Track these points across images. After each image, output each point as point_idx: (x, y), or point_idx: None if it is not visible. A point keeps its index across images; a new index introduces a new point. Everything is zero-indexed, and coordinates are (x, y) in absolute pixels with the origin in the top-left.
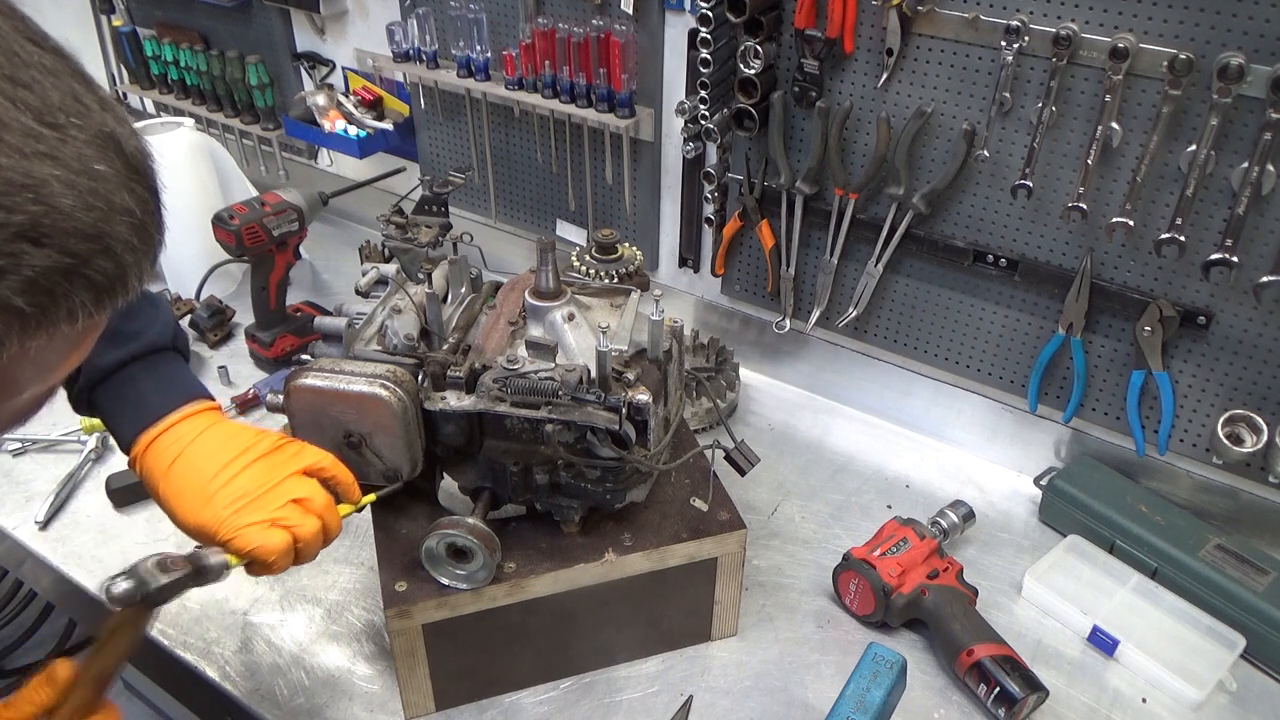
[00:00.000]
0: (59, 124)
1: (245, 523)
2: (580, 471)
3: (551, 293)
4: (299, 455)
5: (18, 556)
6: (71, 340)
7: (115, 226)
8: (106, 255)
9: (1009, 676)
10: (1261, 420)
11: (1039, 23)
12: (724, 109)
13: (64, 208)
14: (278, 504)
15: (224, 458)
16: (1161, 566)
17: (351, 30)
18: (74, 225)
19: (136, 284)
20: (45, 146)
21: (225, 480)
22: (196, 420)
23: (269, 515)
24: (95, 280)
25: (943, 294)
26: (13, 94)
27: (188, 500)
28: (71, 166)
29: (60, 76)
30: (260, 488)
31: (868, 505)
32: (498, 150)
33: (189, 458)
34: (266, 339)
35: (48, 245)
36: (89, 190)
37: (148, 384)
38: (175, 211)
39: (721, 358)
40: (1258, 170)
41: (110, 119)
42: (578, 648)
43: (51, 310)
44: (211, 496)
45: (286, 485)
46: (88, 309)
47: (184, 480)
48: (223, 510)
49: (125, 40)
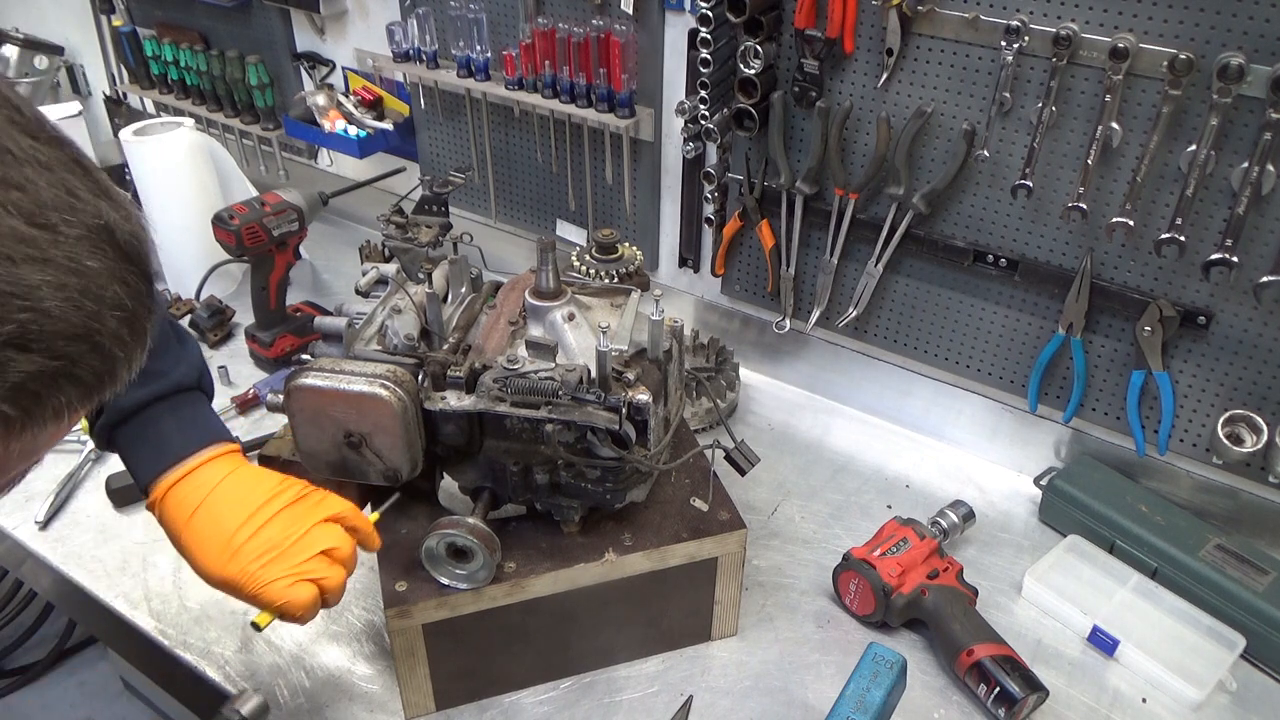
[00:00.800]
0: (50, 223)
1: (272, 577)
2: (580, 471)
3: (551, 293)
4: (323, 504)
5: (18, 556)
6: (60, 428)
7: (105, 322)
8: (95, 353)
9: (1009, 676)
10: (1261, 420)
11: (1039, 23)
12: (724, 109)
13: (53, 311)
14: (305, 556)
15: (248, 508)
16: (1161, 566)
17: (351, 30)
18: (63, 327)
19: (127, 375)
20: (35, 250)
21: (251, 532)
22: (218, 465)
23: (296, 569)
24: (84, 379)
25: (943, 294)
26: (4, 197)
27: (213, 552)
28: (62, 267)
29: (54, 170)
30: (287, 539)
31: (868, 505)
32: (498, 150)
33: (211, 507)
34: (266, 339)
35: (35, 350)
36: (79, 289)
37: (169, 425)
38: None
39: (721, 358)
40: (1258, 170)
41: (105, 206)
42: (578, 648)
43: (37, 412)
44: (238, 550)
45: (313, 536)
46: (74, 405)
47: (208, 531)
48: (250, 564)
49: (125, 40)
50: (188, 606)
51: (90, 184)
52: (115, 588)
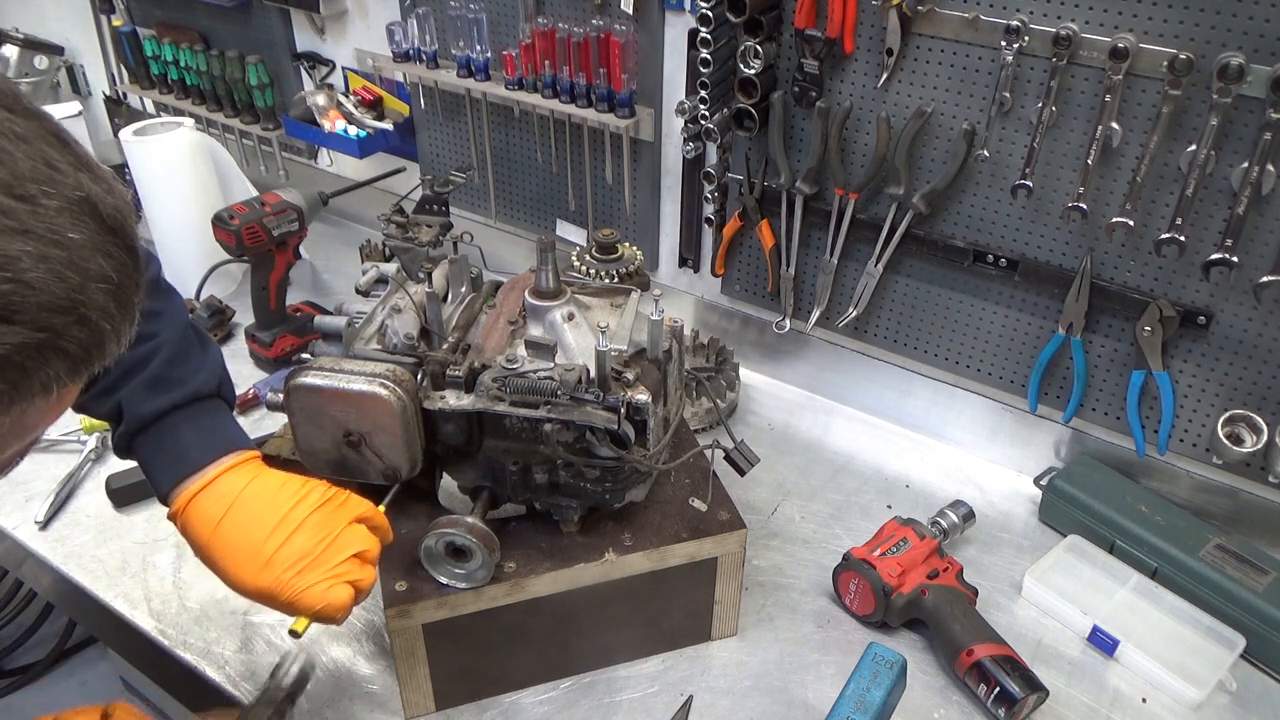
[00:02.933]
0: (29, 195)
1: (309, 584)
2: (579, 471)
3: (551, 292)
4: (348, 506)
5: (18, 556)
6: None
7: (90, 295)
8: (81, 325)
9: (1009, 676)
10: (1261, 420)
11: (1039, 23)
12: (724, 109)
13: (35, 282)
14: (338, 560)
15: (276, 515)
16: (1161, 566)
17: (351, 30)
18: (46, 299)
19: (115, 348)
20: (15, 222)
21: (281, 540)
22: (239, 473)
23: (331, 573)
24: (70, 351)
25: (943, 294)
26: None
27: (244, 563)
28: (43, 239)
29: (32, 142)
30: (319, 545)
31: (868, 505)
32: (498, 150)
33: (237, 517)
34: (266, 339)
35: (19, 322)
36: (62, 261)
37: (189, 434)
38: (175, 212)
39: (721, 358)
40: (1258, 170)
41: (86, 179)
42: (578, 648)
43: (24, 385)
44: (270, 559)
45: (344, 539)
46: (62, 380)
47: (236, 541)
48: (284, 573)
49: (125, 40)
50: (187, 606)
51: (70, 157)
52: (115, 588)
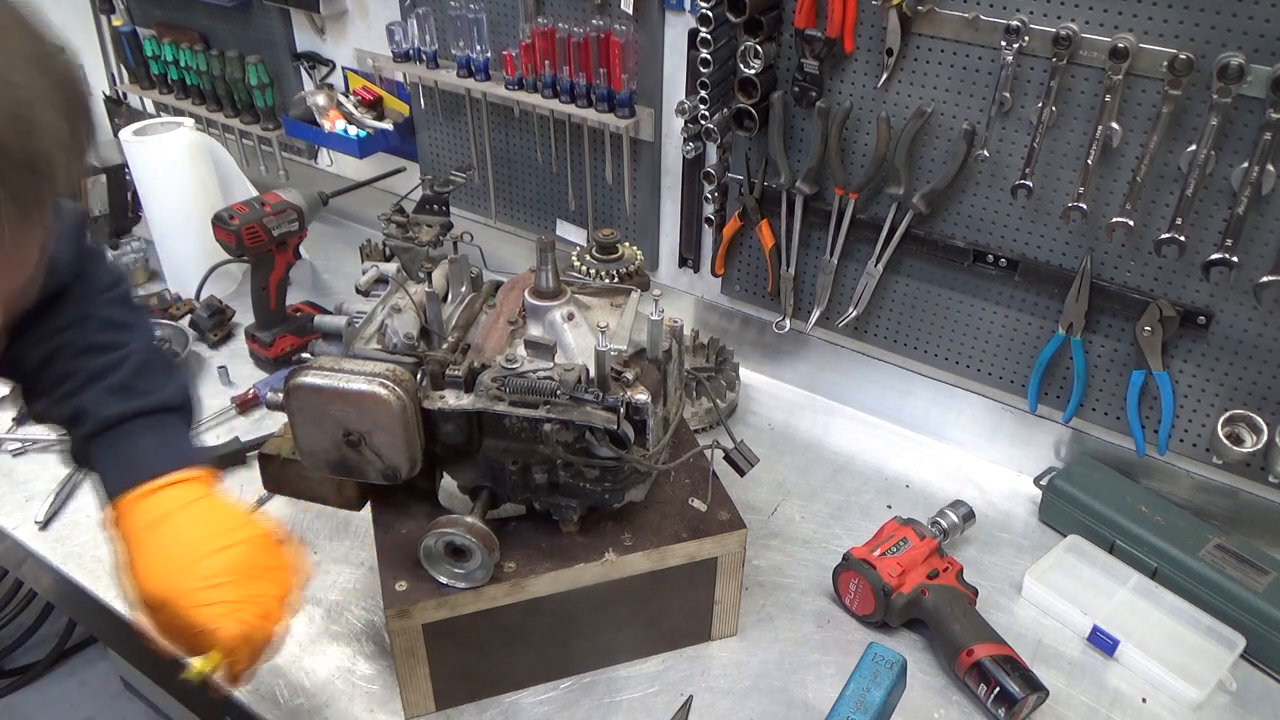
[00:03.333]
0: None
1: (212, 600)
2: (579, 471)
3: (551, 292)
4: (282, 550)
5: (18, 556)
6: None
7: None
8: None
9: (1009, 676)
10: (1261, 420)
11: (1039, 23)
12: (724, 109)
13: None
14: (253, 592)
15: (208, 532)
16: (1161, 566)
17: (351, 30)
18: None
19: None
20: None
21: (203, 554)
22: (187, 488)
23: (242, 598)
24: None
25: (943, 294)
26: None
27: (157, 567)
28: None
29: None
30: (240, 571)
31: (868, 505)
32: (498, 150)
33: (171, 524)
34: (266, 339)
35: None
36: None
37: (148, 441)
38: (175, 212)
39: (721, 358)
40: (1258, 170)
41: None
42: (578, 648)
43: None
44: (185, 568)
45: (268, 576)
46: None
47: (159, 546)
48: (192, 584)
49: (125, 40)
50: None
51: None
52: (115, 587)
